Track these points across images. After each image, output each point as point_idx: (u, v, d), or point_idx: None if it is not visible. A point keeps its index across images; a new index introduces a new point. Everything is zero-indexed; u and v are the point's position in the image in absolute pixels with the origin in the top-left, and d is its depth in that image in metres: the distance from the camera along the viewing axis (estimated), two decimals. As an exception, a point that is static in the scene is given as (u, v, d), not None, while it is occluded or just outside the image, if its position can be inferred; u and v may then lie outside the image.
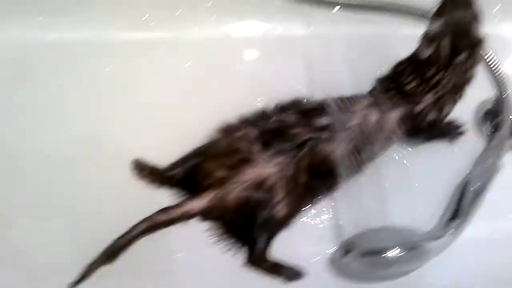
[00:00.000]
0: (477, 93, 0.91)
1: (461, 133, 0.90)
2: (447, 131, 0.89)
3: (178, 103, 0.88)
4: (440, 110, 0.80)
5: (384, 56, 0.86)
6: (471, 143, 0.89)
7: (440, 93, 0.79)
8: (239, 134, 0.80)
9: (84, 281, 0.71)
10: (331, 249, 0.79)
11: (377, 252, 0.71)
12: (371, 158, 0.81)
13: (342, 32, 0.95)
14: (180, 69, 0.92)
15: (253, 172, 0.76)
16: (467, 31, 0.76)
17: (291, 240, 0.79)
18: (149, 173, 0.81)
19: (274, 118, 0.81)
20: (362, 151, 0.79)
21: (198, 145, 0.82)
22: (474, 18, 0.76)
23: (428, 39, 0.77)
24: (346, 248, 0.73)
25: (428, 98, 0.79)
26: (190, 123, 0.85)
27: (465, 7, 0.76)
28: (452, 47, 0.76)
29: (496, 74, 0.93)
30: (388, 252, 0.70)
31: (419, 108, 0.79)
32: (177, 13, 0.93)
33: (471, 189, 0.81)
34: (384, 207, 0.80)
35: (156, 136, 0.84)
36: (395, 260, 0.70)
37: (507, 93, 0.91)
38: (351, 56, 0.91)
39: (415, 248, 0.71)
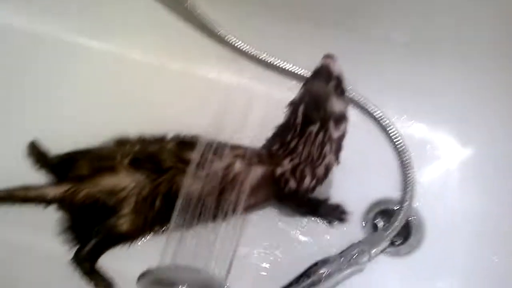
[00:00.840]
0: (382, 189, 0.90)
1: (341, 219, 0.86)
2: (327, 212, 0.86)
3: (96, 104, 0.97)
4: (300, 181, 0.80)
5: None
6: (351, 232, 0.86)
7: (296, 160, 0.78)
8: (125, 148, 0.86)
9: None
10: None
11: (167, 284, 0.70)
12: (231, 207, 0.80)
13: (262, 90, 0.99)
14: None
15: (111, 180, 0.80)
16: (321, 103, 0.77)
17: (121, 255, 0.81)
18: (36, 153, 0.89)
19: (156, 143, 0.86)
20: (221, 197, 0.80)
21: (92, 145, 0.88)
22: (332, 92, 0.77)
23: (290, 104, 0.79)
24: (145, 274, 0.73)
25: (286, 163, 0.79)
26: (99, 125, 0.91)
27: (325, 80, 0.78)
28: (305, 116, 0.77)
29: (407, 175, 0.90)
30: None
31: (278, 171, 0.79)
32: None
33: (321, 272, 0.77)
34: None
35: (62, 129, 0.93)
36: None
37: (409, 201, 0.87)
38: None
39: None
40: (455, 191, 0.92)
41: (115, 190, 0.80)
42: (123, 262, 0.80)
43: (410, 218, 0.88)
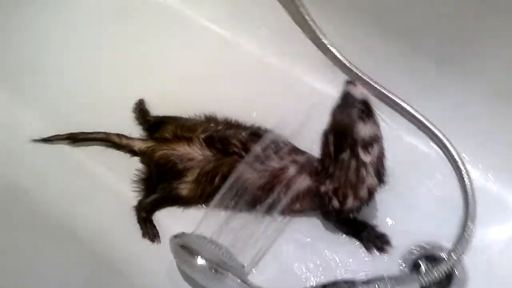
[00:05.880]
0: (435, 232, 0.88)
1: (381, 250, 0.86)
2: (370, 238, 0.86)
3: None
4: (342, 201, 0.81)
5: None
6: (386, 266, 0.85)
7: (336, 184, 0.80)
8: (209, 125, 0.96)
9: (49, 141, 1.00)
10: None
11: (190, 252, 0.78)
12: (275, 206, 0.86)
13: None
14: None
15: (186, 149, 0.91)
16: (347, 131, 0.77)
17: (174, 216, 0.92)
18: (139, 110, 1.04)
19: (234, 128, 0.94)
20: (268, 193, 0.85)
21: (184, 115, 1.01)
22: (356, 118, 0.77)
23: (323, 133, 0.81)
24: (177, 236, 0.82)
25: (328, 184, 0.81)
26: (198, 98, 1.04)
27: (349, 107, 0.77)
28: (335, 144, 0.78)
29: (466, 228, 0.85)
30: (197, 257, 0.77)
31: (322, 189, 0.82)
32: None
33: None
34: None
35: (167, 94, 1.07)
36: (200, 269, 0.77)
37: (458, 255, 0.83)
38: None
39: (219, 271, 0.76)
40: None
41: (186, 158, 0.91)
42: (173, 222, 0.91)
43: (454, 272, 0.83)
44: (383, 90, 1.00)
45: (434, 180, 0.93)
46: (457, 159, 0.91)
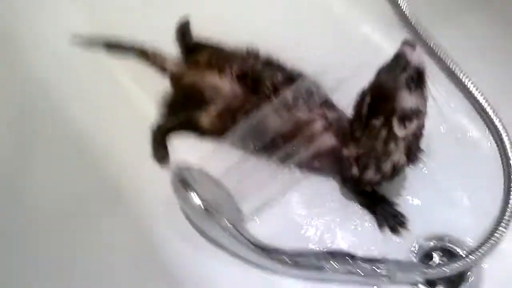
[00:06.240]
0: (460, 225, 0.79)
1: (394, 230, 0.78)
2: (384, 215, 0.79)
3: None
4: (362, 170, 0.74)
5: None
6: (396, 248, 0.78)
7: (359, 150, 0.73)
8: (248, 59, 0.90)
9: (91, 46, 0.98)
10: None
11: (187, 186, 0.73)
12: (292, 158, 0.80)
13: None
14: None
15: (216, 80, 0.86)
16: (388, 96, 0.68)
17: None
18: (182, 31, 0.99)
19: (272, 69, 0.87)
20: (288, 143, 0.80)
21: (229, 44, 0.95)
22: (403, 85, 0.67)
23: (361, 91, 0.72)
24: (180, 165, 0.78)
25: (352, 149, 0.74)
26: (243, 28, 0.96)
27: (399, 70, 0.68)
28: (370, 107, 0.69)
29: (496, 230, 0.75)
30: (192, 193, 0.73)
31: (345, 152, 0.75)
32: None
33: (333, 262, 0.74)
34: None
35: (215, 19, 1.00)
36: (193, 206, 0.73)
37: (479, 256, 0.74)
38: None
39: (212, 213, 0.73)
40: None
41: (214, 88, 0.86)
42: (187, 153, 0.87)
43: (468, 274, 0.75)
44: (448, 62, 0.88)
45: (476, 172, 0.82)
46: (510, 152, 0.80)
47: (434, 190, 0.81)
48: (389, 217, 0.79)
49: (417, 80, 0.69)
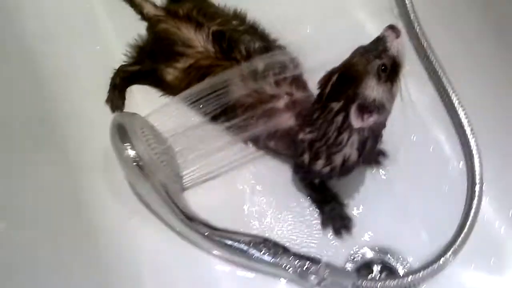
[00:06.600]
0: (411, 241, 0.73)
1: (337, 233, 0.72)
2: (331, 214, 0.73)
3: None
4: (313, 158, 0.67)
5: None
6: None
7: (314, 134, 0.66)
8: (230, 22, 0.83)
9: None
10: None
11: (124, 136, 0.67)
12: (250, 131, 0.74)
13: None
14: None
15: (190, 34, 0.80)
16: (354, 80, 0.61)
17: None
18: None
19: (253, 35, 0.81)
20: (247, 114, 0.74)
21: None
22: (373, 71, 0.61)
23: (329, 70, 0.65)
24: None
25: (307, 132, 0.67)
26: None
27: (374, 55, 0.61)
28: (333, 88, 0.63)
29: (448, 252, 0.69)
30: (127, 145, 0.66)
31: (300, 135, 0.68)
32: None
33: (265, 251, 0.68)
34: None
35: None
36: (126, 159, 0.67)
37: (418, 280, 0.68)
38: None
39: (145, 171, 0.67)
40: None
41: (186, 43, 0.80)
42: (144, 105, 0.81)
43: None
44: (437, 68, 0.81)
45: (439, 190, 0.76)
46: (477, 177, 0.74)
47: (389, 199, 0.76)
48: (336, 218, 0.73)
49: (390, 72, 0.62)
